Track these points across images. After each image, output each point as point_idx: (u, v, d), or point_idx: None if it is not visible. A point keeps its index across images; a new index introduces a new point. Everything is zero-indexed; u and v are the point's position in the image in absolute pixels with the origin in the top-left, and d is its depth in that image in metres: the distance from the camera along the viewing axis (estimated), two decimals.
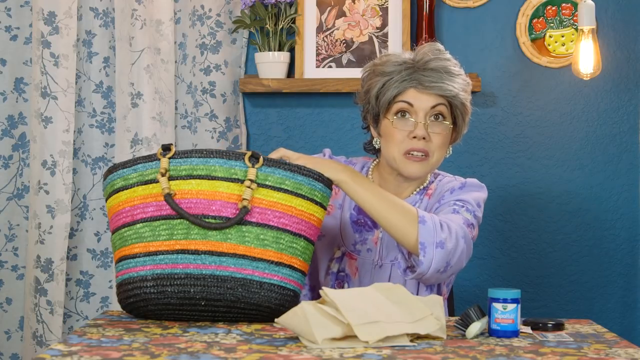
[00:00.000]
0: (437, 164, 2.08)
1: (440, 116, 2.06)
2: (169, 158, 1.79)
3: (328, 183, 1.85)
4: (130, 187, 1.81)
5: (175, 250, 1.76)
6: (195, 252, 1.75)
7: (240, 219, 1.75)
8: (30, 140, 2.84)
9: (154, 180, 1.79)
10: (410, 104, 2.04)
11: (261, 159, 1.78)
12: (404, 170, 2.06)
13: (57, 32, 2.78)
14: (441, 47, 2.12)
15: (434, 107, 2.04)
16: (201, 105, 2.86)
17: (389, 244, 2.10)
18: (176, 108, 2.89)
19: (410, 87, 2.05)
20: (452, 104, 2.07)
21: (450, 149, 2.13)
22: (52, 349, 1.53)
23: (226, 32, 2.87)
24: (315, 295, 2.17)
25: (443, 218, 1.95)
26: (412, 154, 2.03)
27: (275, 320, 1.63)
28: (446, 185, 2.11)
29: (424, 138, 2.03)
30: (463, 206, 2.04)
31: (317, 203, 1.83)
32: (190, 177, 1.77)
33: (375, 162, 2.19)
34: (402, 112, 2.05)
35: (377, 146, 2.13)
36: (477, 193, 2.09)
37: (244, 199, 1.75)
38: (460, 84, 2.07)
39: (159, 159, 1.79)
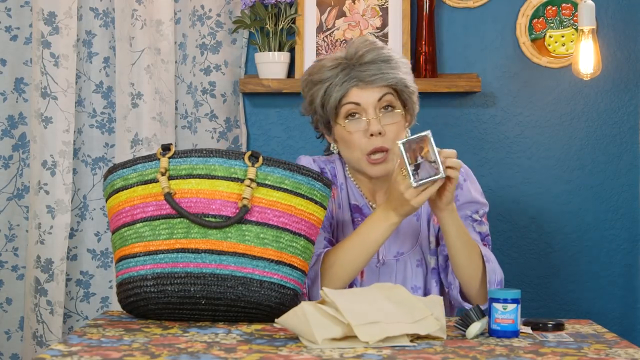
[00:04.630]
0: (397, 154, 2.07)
1: (389, 107, 2.04)
2: (169, 158, 1.79)
3: (327, 182, 1.85)
4: (130, 187, 1.82)
5: (175, 249, 1.76)
6: (196, 251, 1.76)
7: (240, 217, 1.75)
8: (30, 141, 2.84)
9: (154, 180, 1.79)
10: (357, 104, 2.03)
11: (261, 158, 1.79)
12: (369, 172, 2.06)
13: (57, 32, 2.78)
14: (370, 37, 2.11)
15: (380, 99, 2.03)
16: (201, 105, 2.86)
17: (392, 239, 2.10)
18: (176, 108, 2.89)
19: (351, 86, 2.02)
20: (397, 89, 2.05)
21: (408, 132, 2.12)
22: (52, 349, 1.53)
23: (226, 32, 2.87)
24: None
25: (483, 248, 2.03)
26: (373, 157, 2.03)
27: (275, 320, 1.63)
28: None
29: (380, 133, 2.01)
30: (480, 219, 2.11)
31: (316, 202, 1.83)
32: (190, 176, 1.78)
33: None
34: (352, 114, 2.04)
35: (335, 151, 2.13)
36: (476, 182, 2.16)
37: (243, 197, 1.75)
38: (400, 68, 2.05)
39: (159, 159, 1.80)
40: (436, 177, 1.83)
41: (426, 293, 2.10)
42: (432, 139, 1.83)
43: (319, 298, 1.97)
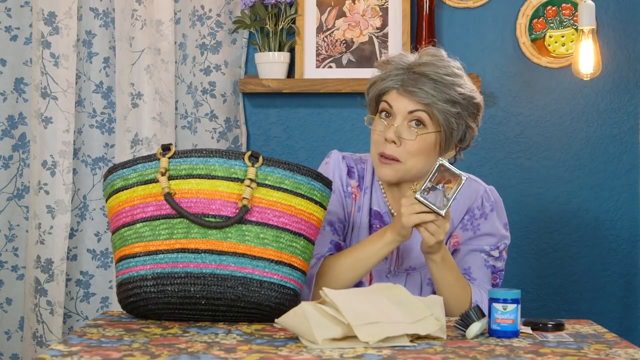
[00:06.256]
0: (414, 171, 2.00)
1: (420, 123, 1.97)
2: (169, 158, 1.79)
3: (327, 182, 1.85)
4: (130, 187, 1.82)
5: (175, 249, 1.76)
6: (196, 251, 1.76)
7: (240, 217, 1.75)
8: (30, 141, 2.84)
9: (154, 180, 1.79)
10: (390, 106, 2.00)
11: (260, 158, 1.78)
12: (377, 172, 2.03)
13: (57, 32, 2.78)
14: (443, 53, 2.03)
15: (412, 112, 1.97)
16: (201, 105, 2.86)
17: (405, 253, 2.09)
18: (176, 108, 2.89)
19: (392, 87, 1.99)
20: (434, 112, 1.97)
21: (461, 154, 2.07)
22: (52, 349, 1.53)
23: (226, 33, 2.87)
24: None
25: (478, 293, 2.02)
26: (383, 157, 2.00)
27: (275, 320, 1.63)
28: (476, 197, 2.11)
29: (393, 142, 1.97)
30: (498, 255, 2.09)
31: (316, 202, 1.82)
32: (190, 176, 1.78)
33: None
34: (385, 113, 2.01)
35: None
36: (504, 213, 2.13)
37: (243, 198, 1.75)
38: (446, 94, 1.96)
39: (159, 159, 1.80)
40: (437, 209, 1.84)
41: None
42: (462, 185, 1.83)
43: (309, 299, 1.97)
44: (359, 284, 2.07)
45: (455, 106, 1.97)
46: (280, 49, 2.84)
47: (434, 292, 2.08)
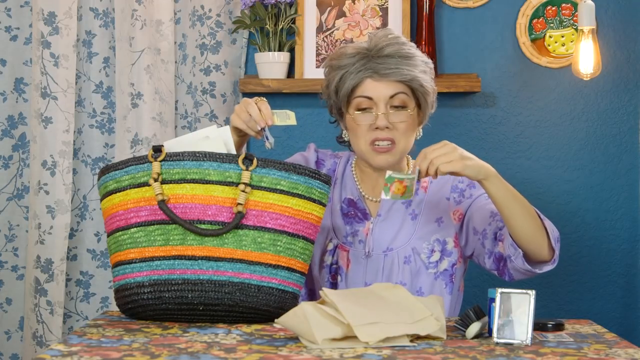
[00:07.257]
0: (405, 151, 2.08)
1: (401, 106, 2.04)
2: (161, 161, 1.77)
3: (325, 179, 1.83)
4: (123, 190, 1.80)
5: (171, 255, 1.75)
6: (192, 258, 1.74)
7: (236, 224, 1.74)
8: (30, 141, 2.84)
9: (146, 184, 1.77)
10: (369, 98, 2.04)
11: (255, 160, 1.77)
12: (372, 161, 2.07)
13: (57, 32, 2.78)
14: (395, 32, 2.10)
15: (392, 96, 2.03)
16: (201, 105, 2.86)
17: (380, 235, 2.11)
18: (176, 108, 2.89)
19: (366, 77, 2.04)
20: (412, 87, 2.05)
21: (420, 130, 2.13)
22: (52, 349, 1.53)
23: (226, 33, 2.87)
24: (313, 298, 2.17)
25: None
26: (378, 145, 2.04)
27: (275, 320, 1.63)
28: (453, 178, 2.12)
29: (387, 127, 2.03)
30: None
31: (314, 201, 1.81)
32: (184, 181, 1.76)
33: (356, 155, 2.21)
34: (363, 108, 2.05)
35: (346, 138, 2.15)
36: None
37: (238, 203, 1.74)
38: (417, 66, 2.05)
39: (150, 162, 1.78)
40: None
41: (412, 289, 2.10)
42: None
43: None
44: (337, 270, 2.10)
45: (425, 73, 2.07)
46: (280, 49, 2.84)
47: (411, 272, 2.09)
